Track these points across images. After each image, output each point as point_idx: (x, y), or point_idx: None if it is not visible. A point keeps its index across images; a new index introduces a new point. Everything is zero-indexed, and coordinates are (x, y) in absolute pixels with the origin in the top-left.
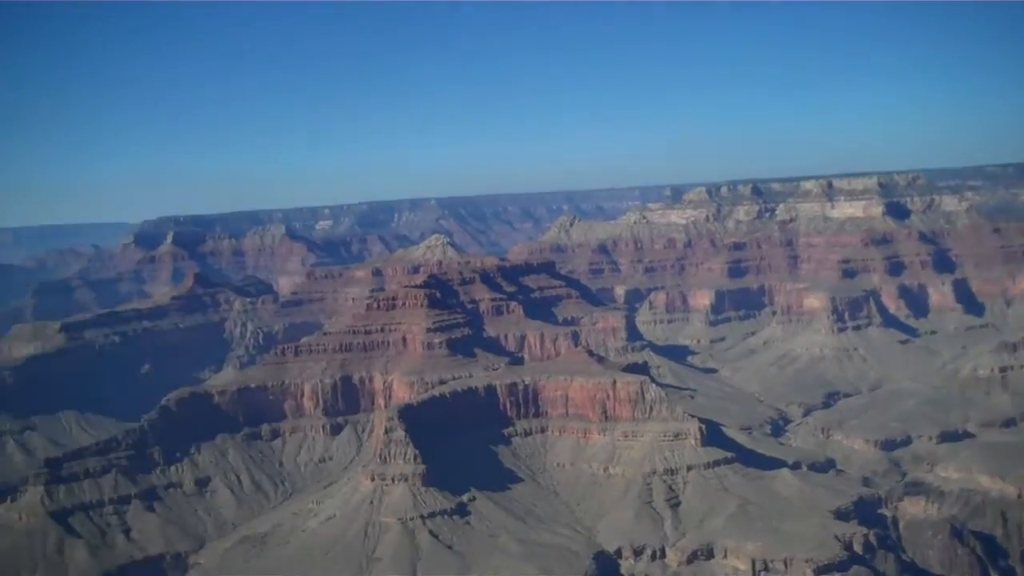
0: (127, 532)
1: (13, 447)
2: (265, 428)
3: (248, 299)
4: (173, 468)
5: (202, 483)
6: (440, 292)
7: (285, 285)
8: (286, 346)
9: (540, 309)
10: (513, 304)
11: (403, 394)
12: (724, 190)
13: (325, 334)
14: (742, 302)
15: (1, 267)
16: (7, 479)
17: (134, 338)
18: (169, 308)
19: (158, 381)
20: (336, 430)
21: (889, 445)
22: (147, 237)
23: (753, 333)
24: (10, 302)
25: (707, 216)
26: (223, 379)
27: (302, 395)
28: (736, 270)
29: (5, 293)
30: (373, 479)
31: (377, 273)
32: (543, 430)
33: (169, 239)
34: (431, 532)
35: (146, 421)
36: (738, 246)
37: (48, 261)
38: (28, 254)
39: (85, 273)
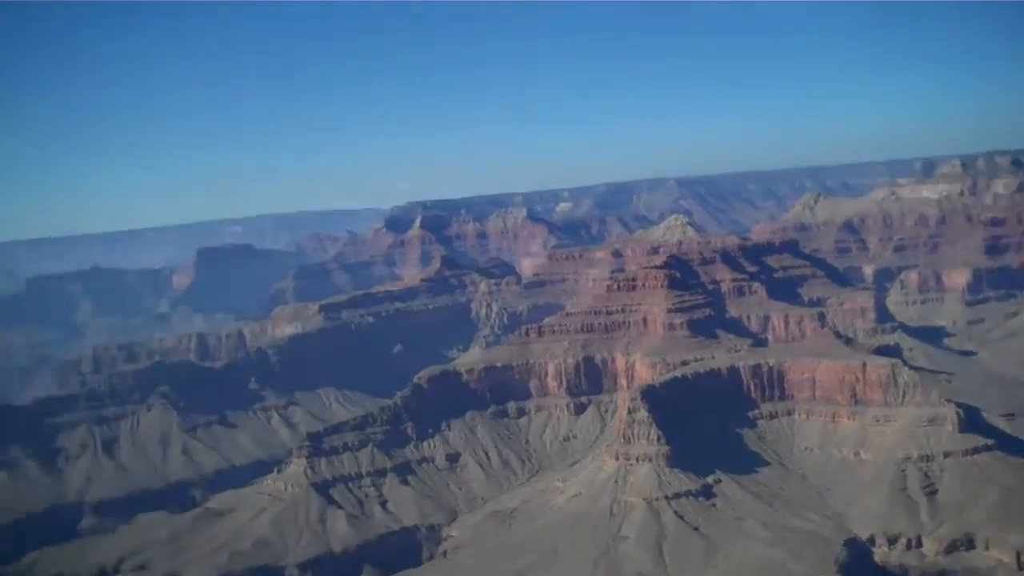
0: (384, 504)
1: (278, 421)
2: (511, 406)
3: (492, 280)
4: (425, 443)
5: (452, 458)
6: (680, 273)
7: (527, 266)
8: (530, 326)
9: (783, 289)
10: (755, 284)
11: (645, 375)
12: (980, 162)
13: (567, 315)
14: (1002, 281)
15: (265, 252)
16: (274, 452)
17: (387, 318)
18: (419, 290)
19: (409, 359)
20: (579, 409)
21: None
22: (397, 222)
23: (1015, 314)
24: (273, 285)
25: (962, 190)
26: (470, 358)
27: (546, 374)
28: (994, 247)
29: (269, 276)
30: (617, 458)
31: (617, 254)
32: (789, 413)
33: (417, 223)
34: (676, 513)
35: (400, 398)
36: (996, 222)
37: (307, 246)
38: (289, 239)
39: (341, 257)
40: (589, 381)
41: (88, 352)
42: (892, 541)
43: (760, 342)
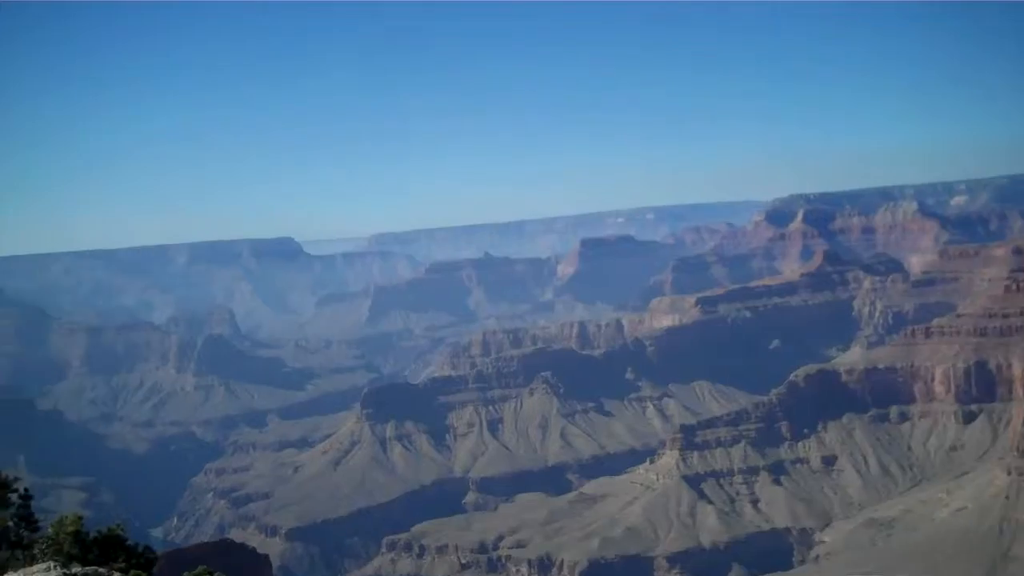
0: (755, 503)
1: (652, 412)
2: (893, 410)
3: (877, 277)
4: (800, 444)
5: (828, 461)
6: None
7: (916, 263)
8: (917, 327)
9: None
10: None
11: None
12: None
13: (958, 316)
14: None
15: (644, 243)
16: (647, 442)
17: (764, 313)
18: (798, 285)
19: (785, 356)
20: (968, 418)
21: None
22: (778, 215)
23: None
24: (652, 276)
25: None
26: (850, 358)
27: (932, 379)
28: None
29: (647, 268)
30: (1010, 473)
31: (1017, 252)
32: None
33: (799, 217)
34: None
35: (774, 395)
36: None
37: (686, 238)
38: (669, 231)
39: (719, 249)
40: (980, 388)
41: (478, 336)
42: None
43: None
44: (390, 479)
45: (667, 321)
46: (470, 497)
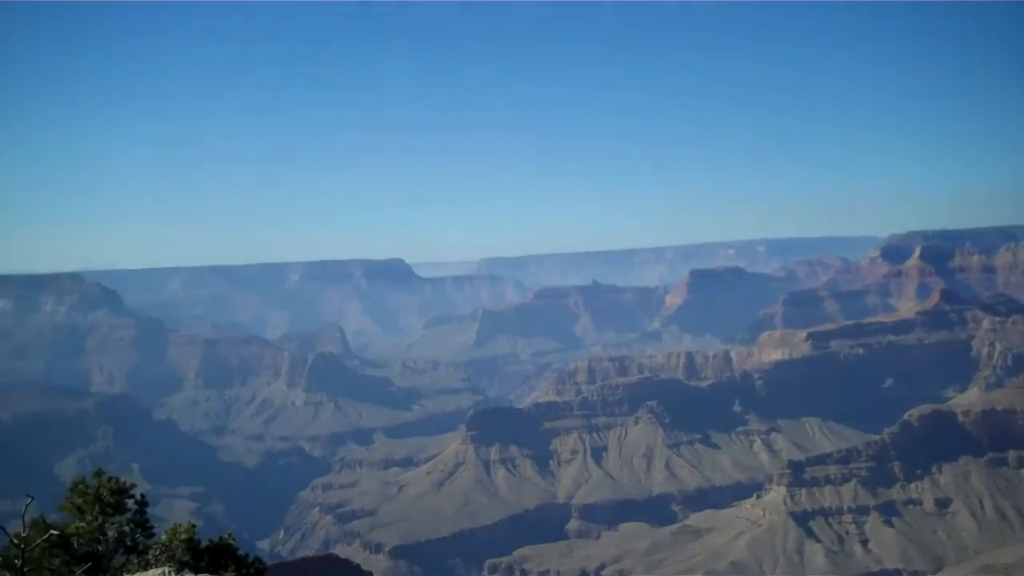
0: (864, 543)
1: (759, 446)
2: (1012, 455)
3: (997, 318)
4: (913, 485)
5: (942, 503)
6: None
7: None
8: None
9: None
10: None
11: None
12: None
13: None
14: None
15: (754, 276)
16: (753, 476)
17: (877, 351)
18: (914, 323)
19: (898, 395)
20: None
21: None
22: (894, 251)
23: None
24: (761, 309)
25: None
26: (967, 399)
27: None
28: None
29: (758, 301)
30: None
31: None
32: None
33: (916, 253)
34: None
35: (887, 434)
36: None
37: (798, 272)
38: (779, 264)
39: (832, 284)
40: None
41: (584, 363)
42: None
43: None
44: (493, 502)
45: (776, 355)
46: (572, 524)
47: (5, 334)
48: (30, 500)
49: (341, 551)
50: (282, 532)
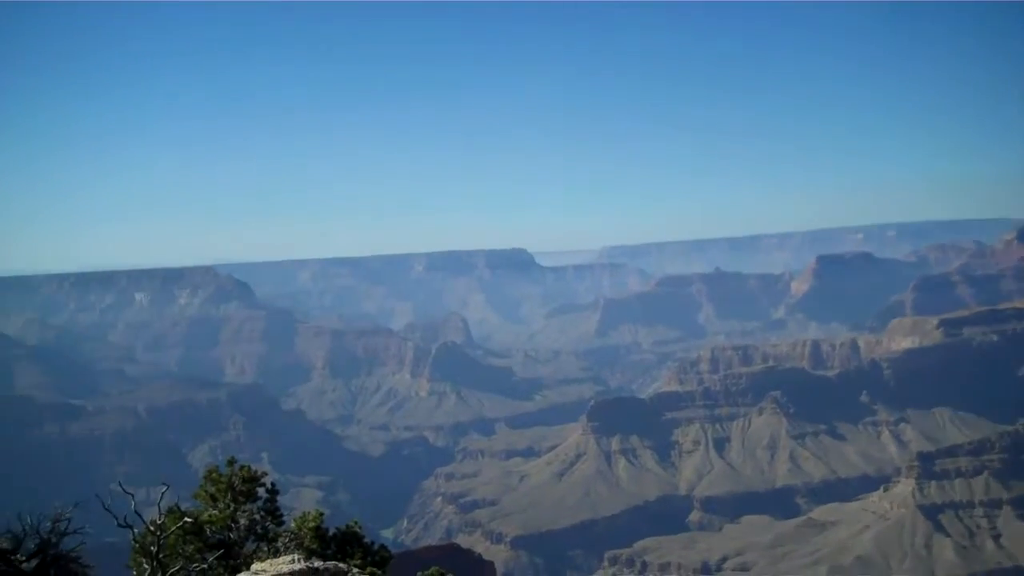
0: (996, 538)
1: (887, 437)
2: None
3: None
4: None
5: None
6: None
7: None
8: None
9: None
10: None
11: None
12: None
13: None
14: None
15: (884, 261)
16: (881, 468)
17: (1013, 337)
18: None
19: None
20: None
21: None
22: None
23: None
24: (891, 296)
25: None
26: None
27: None
28: None
29: (887, 287)
30: None
31: None
32: None
33: None
34: None
35: (1021, 425)
36: None
37: (929, 256)
38: (910, 249)
39: (966, 269)
40: None
41: (707, 352)
42: None
43: None
44: (614, 493)
45: (907, 343)
46: (694, 515)
47: (143, 326)
48: (165, 488)
49: (463, 540)
50: (405, 521)
